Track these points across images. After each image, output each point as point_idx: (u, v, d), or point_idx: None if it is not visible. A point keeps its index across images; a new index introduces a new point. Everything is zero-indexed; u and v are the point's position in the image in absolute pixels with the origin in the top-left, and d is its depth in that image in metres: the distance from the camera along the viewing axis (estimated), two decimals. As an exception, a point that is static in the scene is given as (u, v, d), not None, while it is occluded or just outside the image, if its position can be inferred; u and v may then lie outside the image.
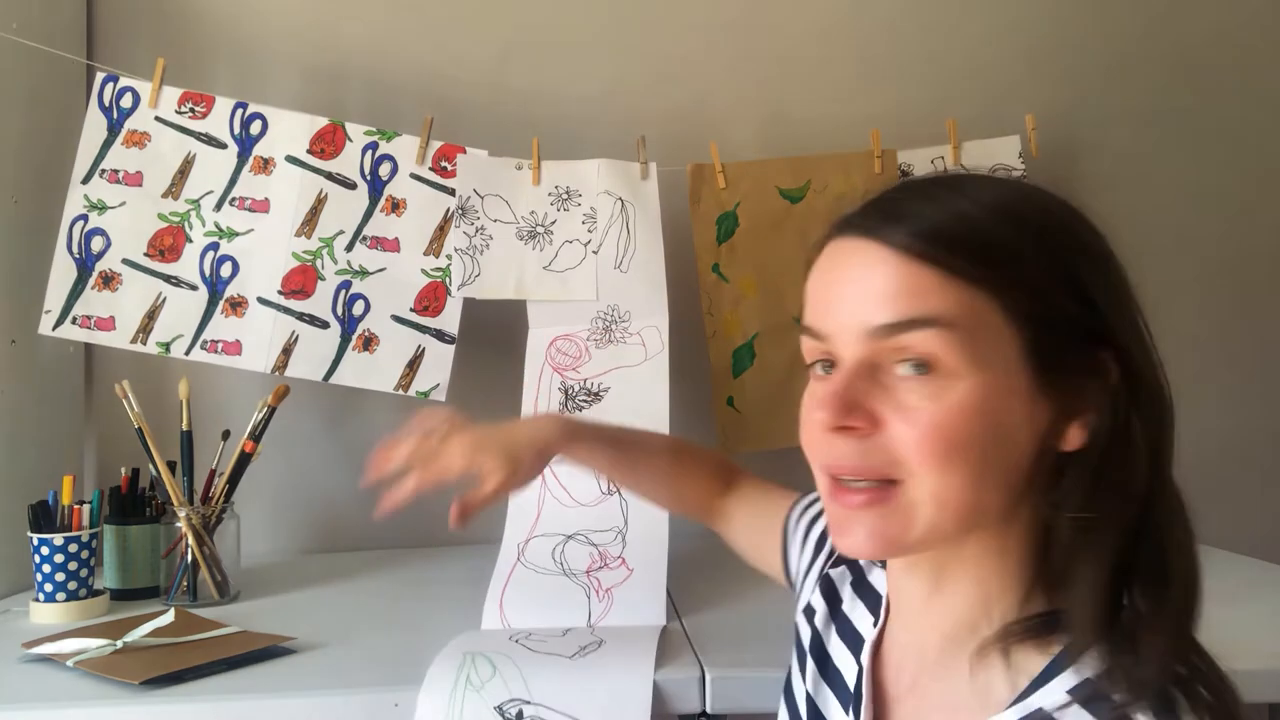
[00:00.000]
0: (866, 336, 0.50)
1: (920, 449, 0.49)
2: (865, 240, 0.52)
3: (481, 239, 1.26)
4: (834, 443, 0.51)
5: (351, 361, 1.23)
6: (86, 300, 1.21)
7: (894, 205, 0.53)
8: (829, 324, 0.53)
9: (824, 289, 0.54)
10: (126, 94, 1.24)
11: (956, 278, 0.49)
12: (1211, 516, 1.71)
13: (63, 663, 0.89)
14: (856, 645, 0.61)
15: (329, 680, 0.87)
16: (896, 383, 0.50)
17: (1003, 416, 0.49)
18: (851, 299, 0.51)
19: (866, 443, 0.50)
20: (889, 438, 0.50)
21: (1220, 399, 1.51)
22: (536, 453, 0.77)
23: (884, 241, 0.51)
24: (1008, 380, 0.49)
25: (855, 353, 0.51)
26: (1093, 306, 0.51)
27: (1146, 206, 1.51)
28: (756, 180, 1.31)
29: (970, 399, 0.49)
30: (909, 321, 0.49)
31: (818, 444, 0.53)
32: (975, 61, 1.49)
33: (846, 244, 0.53)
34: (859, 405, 0.50)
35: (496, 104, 1.42)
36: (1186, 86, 1.53)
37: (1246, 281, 1.54)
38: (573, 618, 0.99)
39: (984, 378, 0.49)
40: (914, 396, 0.49)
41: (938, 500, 0.49)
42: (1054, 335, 0.50)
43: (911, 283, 0.49)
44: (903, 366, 0.50)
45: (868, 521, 0.51)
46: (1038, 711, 0.48)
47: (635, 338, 1.22)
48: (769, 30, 1.48)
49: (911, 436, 0.49)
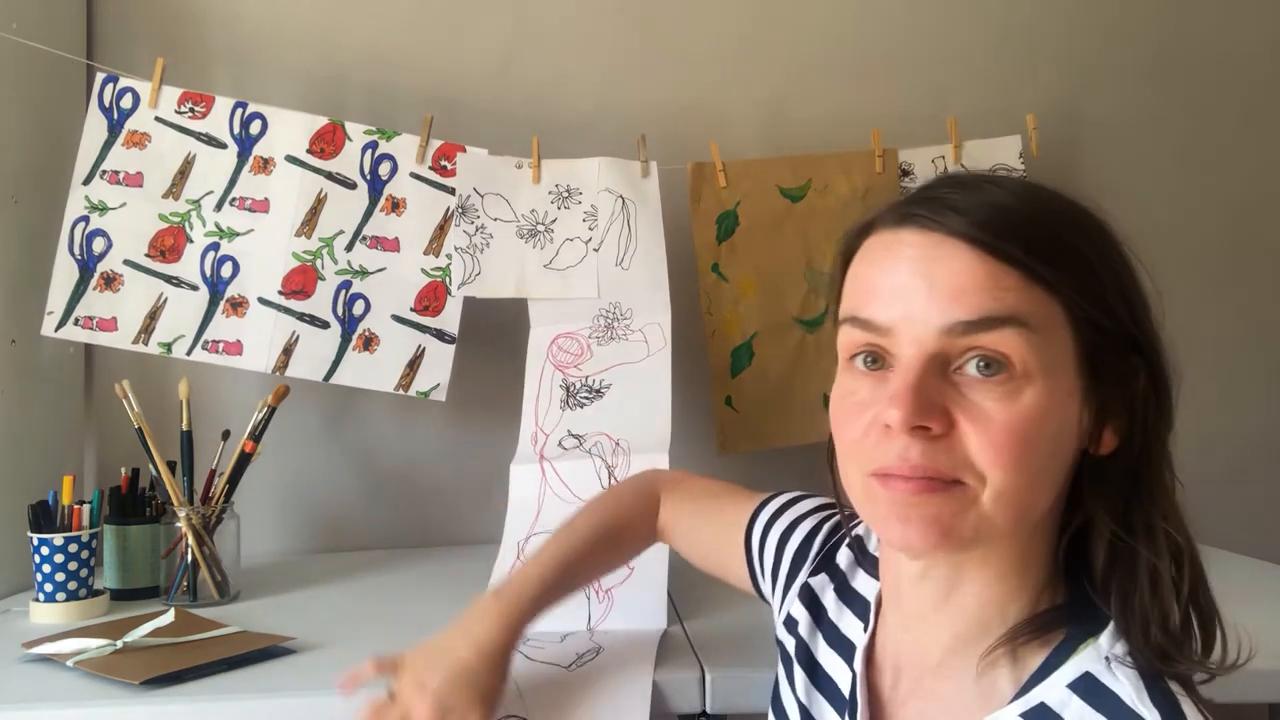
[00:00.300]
0: (941, 333, 0.48)
1: (994, 452, 0.47)
2: (928, 232, 0.49)
3: (481, 237, 1.26)
4: (895, 444, 0.49)
5: (352, 361, 1.23)
6: (88, 301, 1.21)
7: (947, 196, 0.50)
8: (889, 315, 0.50)
9: (879, 279, 0.51)
10: (126, 94, 1.24)
11: (1032, 276, 0.48)
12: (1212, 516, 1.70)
13: (63, 663, 0.89)
14: (848, 652, 0.61)
15: (329, 680, 0.87)
16: (966, 383, 0.48)
17: (1063, 419, 0.49)
18: (919, 294, 0.49)
19: (936, 444, 0.48)
20: (960, 439, 0.48)
21: (1222, 398, 1.51)
22: (498, 673, 0.72)
23: (953, 233, 0.49)
24: (1067, 384, 0.49)
25: (925, 348, 0.48)
26: (1132, 310, 0.51)
27: (1147, 206, 1.51)
28: (757, 179, 1.31)
29: (1040, 403, 0.48)
30: (992, 319, 0.47)
31: (874, 444, 0.50)
32: (976, 61, 1.49)
33: (905, 235, 0.51)
34: (934, 404, 0.48)
35: (497, 103, 1.42)
36: (1188, 86, 1.52)
37: (1249, 280, 1.54)
38: (572, 620, 0.98)
39: (1050, 381, 0.48)
40: (986, 398, 0.48)
41: (1002, 500, 0.48)
42: (1102, 341, 0.50)
43: (992, 279, 0.48)
44: (971, 365, 0.48)
45: (926, 510, 0.48)
46: (1039, 706, 0.49)
47: (637, 334, 1.21)
48: (770, 29, 1.47)
49: (985, 440, 0.47)
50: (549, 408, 1.18)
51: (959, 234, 0.48)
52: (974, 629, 0.53)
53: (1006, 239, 0.48)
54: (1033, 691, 0.49)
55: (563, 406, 1.18)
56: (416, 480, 1.43)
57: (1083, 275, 0.49)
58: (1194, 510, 0.53)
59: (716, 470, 1.22)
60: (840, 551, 0.67)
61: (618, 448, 1.13)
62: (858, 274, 0.53)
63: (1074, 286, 0.49)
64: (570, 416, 1.17)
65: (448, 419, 1.40)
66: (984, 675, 0.52)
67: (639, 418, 1.15)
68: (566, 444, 1.14)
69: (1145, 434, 0.52)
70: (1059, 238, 0.50)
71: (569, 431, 1.15)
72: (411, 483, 1.43)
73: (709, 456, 1.27)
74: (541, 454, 1.14)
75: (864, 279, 0.52)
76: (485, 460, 1.41)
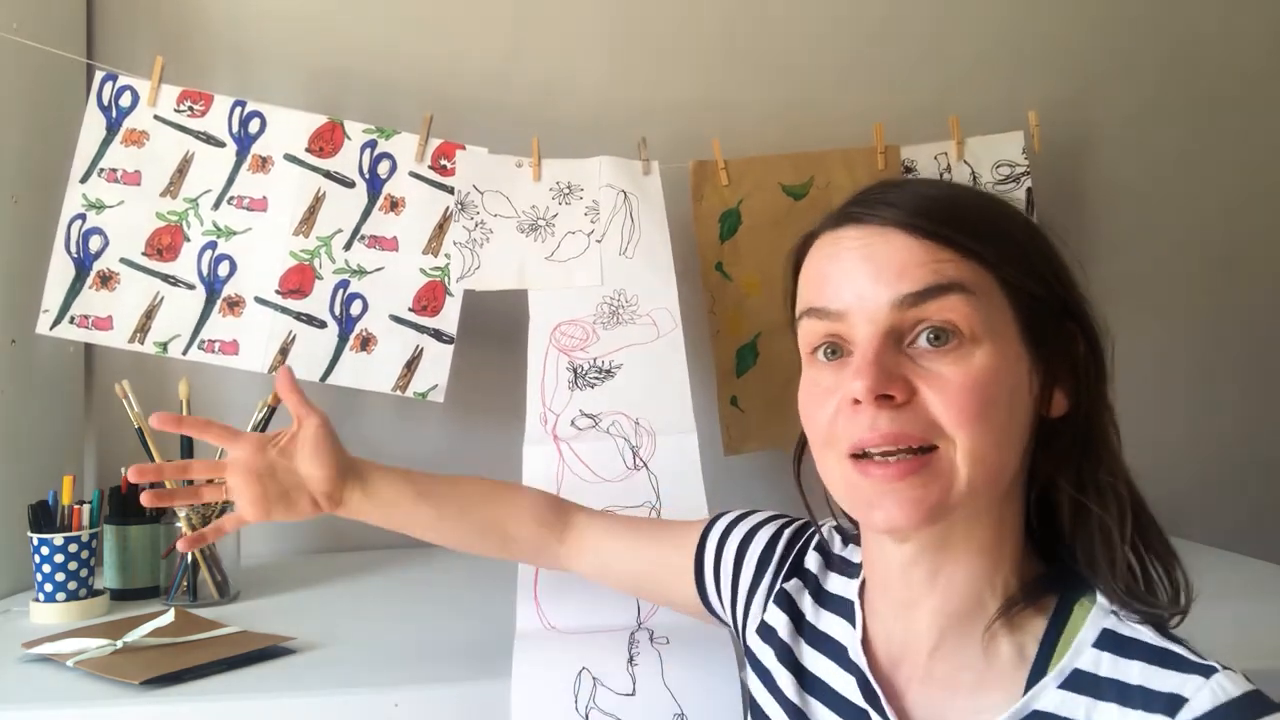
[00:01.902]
0: (891, 308, 0.52)
1: (955, 411, 0.51)
2: (868, 226, 0.54)
3: (481, 232, 1.25)
4: (864, 416, 0.52)
5: (349, 361, 1.23)
6: (84, 299, 1.21)
7: (881, 195, 0.55)
8: (840, 301, 0.54)
9: (828, 270, 0.55)
10: (125, 92, 1.24)
11: (964, 250, 0.53)
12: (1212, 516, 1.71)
13: (63, 663, 0.89)
14: (836, 651, 0.61)
15: (329, 680, 0.87)
16: (919, 354, 0.52)
17: (1013, 379, 0.53)
18: (868, 275, 0.53)
19: (902, 412, 0.51)
20: (922, 403, 0.51)
21: (1222, 397, 1.50)
22: (312, 478, 0.81)
23: (890, 223, 0.53)
24: (1013, 347, 0.53)
25: (878, 326, 0.52)
26: (1060, 278, 0.56)
27: (1149, 203, 1.51)
28: (759, 177, 1.31)
29: (990, 362, 0.52)
30: (935, 288, 0.51)
31: (845, 421, 0.53)
32: (979, 58, 1.48)
33: (847, 231, 0.55)
34: (894, 374, 0.52)
35: (497, 102, 1.42)
36: (1189, 83, 1.52)
37: (1250, 279, 1.54)
38: (619, 614, 0.92)
39: (996, 343, 0.52)
40: (939, 364, 0.52)
41: (973, 458, 0.51)
42: (1037, 307, 0.54)
43: (930, 254, 0.52)
44: (922, 338, 0.52)
45: (906, 491, 0.51)
46: (1075, 673, 0.52)
47: (645, 318, 1.19)
48: (771, 27, 1.47)
49: (946, 398, 0.51)
50: (556, 388, 1.14)
51: (895, 223, 0.53)
52: (966, 605, 0.55)
53: (939, 221, 0.53)
54: (1062, 662, 0.52)
55: (571, 387, 1.14)
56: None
57: (1009, 249, 0.54)
58: (1194, 510, 0.53)
59: (723, 471, 1.22)
60: (808, 555, 0.68)
61: (639, 427, 1.10)
62: (807, 272, 0.58)
63: (1003, 258, 0.53)
64: (581, 396, 1.13)
65: (447, 419, 1.40)
66: (986, 649, 0.54)
67: (657, 397, 1.12)
68: (580, 423, 1.11)
69: (1089, 395, 0.55)
70: (985, 219, 0.55)
71: (581, 411, 1.12)
72: (411, 482, 1.42)
73: (716, 458, 1.26)
74: (555, 434, 1.10)
75: (814, 274, 0.57)
76: (485, 460, 1.40)
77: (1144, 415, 1.52)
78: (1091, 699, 0.51)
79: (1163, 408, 1.47)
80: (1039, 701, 0.52)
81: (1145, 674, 0.50)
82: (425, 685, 0.86)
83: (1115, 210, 1.50)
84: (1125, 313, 1.50)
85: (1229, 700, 0.48)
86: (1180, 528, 1.40)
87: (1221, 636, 0.54)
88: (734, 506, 0.77)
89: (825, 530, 0.68)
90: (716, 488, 1.06)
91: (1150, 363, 1.48)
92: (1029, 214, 1.33)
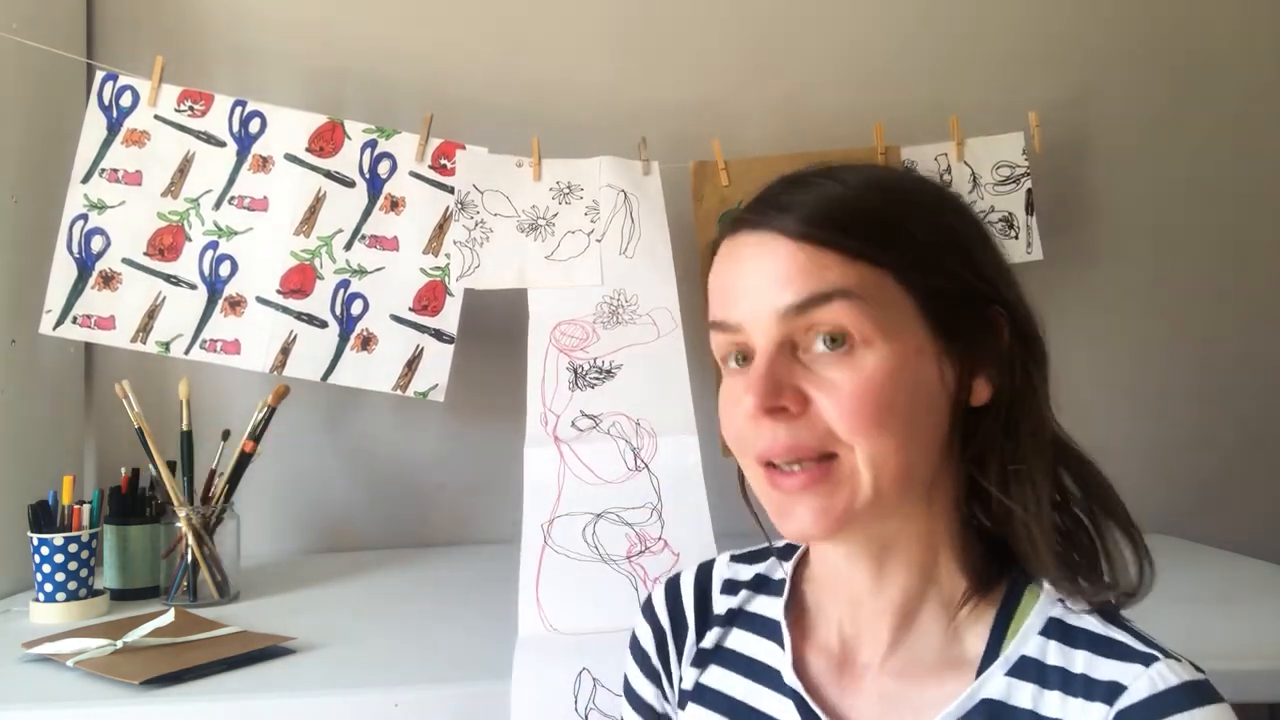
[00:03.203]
0: (778, 318, 0.52)
1: (849, 417, 0.51)
2: (758, 232, 0.54)
3: (481, 232, 1.25)
4: (764, 427, 0.52)
5: (350, 361, 1.23)
6: (87, 299, 1.21)
7: (777, 198, 0.56)
8: (738, 313, 0.54)
9: (727, 281, 0.56)
10: (126, 92, 1.24)
11: (851, 254, 0.52)
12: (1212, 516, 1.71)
13: (63, 663, 0.89)
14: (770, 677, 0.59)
15: (329, 680, 0.87)
16: (814, 360, 0.52)
17: (917, 376, 0.52)
18: (756, 286, 0.53)
19: (798, 422, 0.52)
20: (817, 413, 0.51)
21: (1223, 397, 1.50)
22: None
23: (777, 230, 0.53)
24: (915, 342, 0.53)
25: (770, 336, 0.53)
26: (976, 269, 0.55)
27: (1149, 203, 1.51)
28: (760, 177, 1.27)
29: (886, 364, 0.51)
30: (816, 297, 0.51)
31: (748, 433, 0.53)
32: (979, 58, 1.48)
33: (740, 238, 0.55)
34: (785, 385, 0.52)
35: (497, 102, 1.42)
36: (1190, 83, 1.52)
37: (1251, 278, 1.53)
38: (620, 615, 0.92)
39: (893, 343, 0.52)
40: (833, 370, 0.52)
41: (874, 464, 0.51)
42: (946, 297, 0.53)
43: (812, 262, 0.52)
44: (818, 343, 0.52)
45: (812, 501, 0.52)
46: (1022, 660, 0.52)
47: (645, 318, 1.19)
48: (772, 27, 1.47)
49: (839, 407, 0.51)
50: (556, 389, 1.14)
51: (783, 230, 0.53)
52: (913, 599, 0.56)
53: (822, 227, 0.53)
54: (1009, 648, 0.53)
55: (571, 387, 1.14)
56: (416, 480, 1.43)
57: (906, 244, 0.53)
58: (1194, 510, 0.53)
59: (722, 472, 1.22)
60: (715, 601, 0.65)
61: (640, 428, 1.10)
62: (712, 282, 0.57)
63: (897, 256, 0.53)
64: (581, 397, 1.13)
65: (447, 419, 1.40)
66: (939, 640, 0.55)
67: (657, 397, 1.12)
68: (581, 424, 1.11)
69: (1013, 382, 0.55)
70: (881, 216, 0.54)
71: (581, 412, 1.12)
72: (411, 483, 1.42)
73: (714, 459, 1.26)
74: (556, 435, 1.10)
75: (715, 285, 0.57)
76: (485, 460, 1.41)
77: (1145, 415, 1.53)
78: (1038, 686, 0.51)
79: (1163, 408, 1.47)
80: (986, 689, 0.52)
81: (1089, 663, 0.51)
82: (425, 685, 0.86)
83: (1116, 209, 1.50)
84: (1126, 313, 1.51)
85: (1166, 689, 0.48)
86: (1180, 528, 1.41)
87: (1221, 636, 0.54)
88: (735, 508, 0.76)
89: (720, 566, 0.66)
90: (716, 489, 1.06)
91: (1151, 363, 1.48)
92: (1027, 213, 1.33)
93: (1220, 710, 0.48)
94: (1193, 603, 1.02)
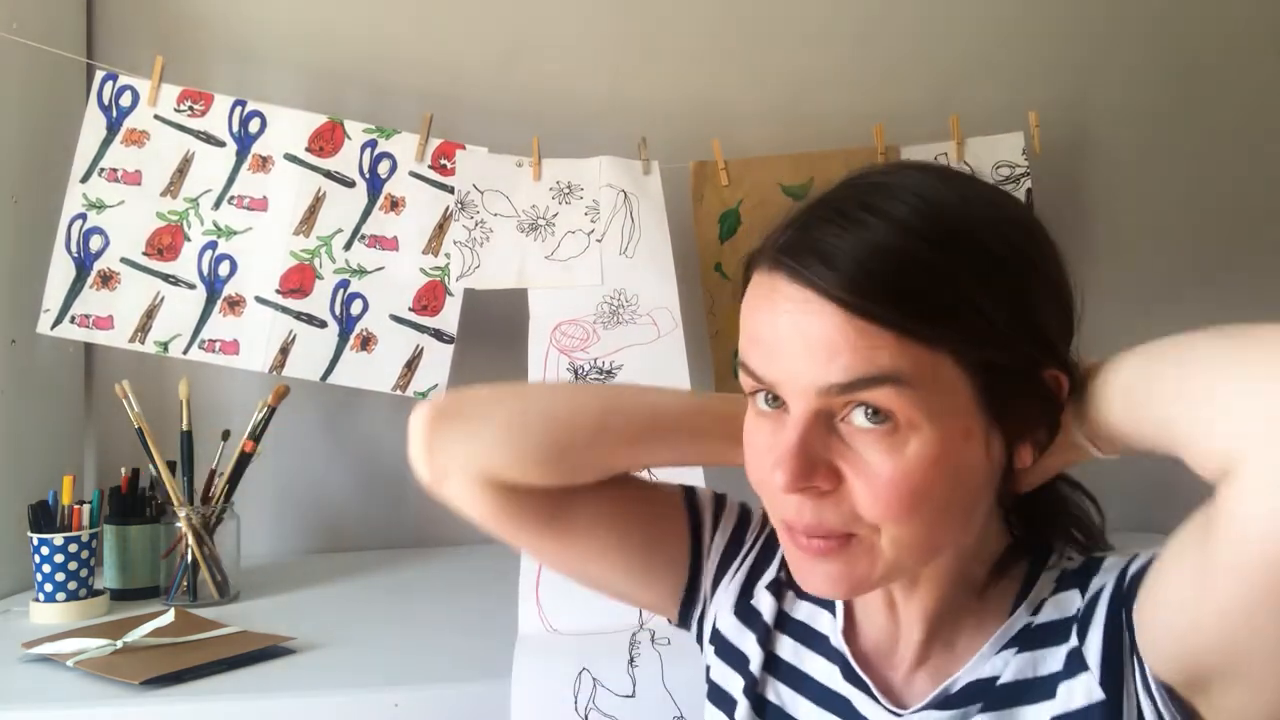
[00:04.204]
0: (820, 393, 0.48)
1: (881, 506, 0.48)
2: (799, 286, 0.48)
3: (481, 231, 1.25)
4: (790, 501, 0.50)
5: (349, 361, 1.23)
6: (85, 299, 1.21)
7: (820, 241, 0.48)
8: (774, 372, 0.50)
9: (762, 331, 0.51)
10: (126, 92, 1.24)
11: (906, 333, 0.46)
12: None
13: (63, 663, 0.89)
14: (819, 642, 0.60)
15: (329, 680, 0.87)
16: (852, 433, 0.48)
17: (961, 460, 0.49)
18: (796, 353, 0.48)
19: (826, 500, 0.49)
20: (848, 492, 0.48)
21: (1223, 396, 1.50)
22: None
23: (822, 292, 0.47)
24: (964, 424, 0.48)
25: (808, 405, 0.48)
26: (1044, 336, 0.50)
27: (1149, 203, 1.51)
28: (759, 178, 1.31)
29: (929, 451, 0.47)
30: (863, 380, 0.47)
31: (775, 498, 0.51)
32: (979, 58, 1.48)
33: (779, 284, 0.49)
34: (819, 461, 0.48)
35: (497, 102, 1.42)
36: (1190, 84, 1.52)
37: (1251, 278, 1.53)
38: (620, 615, 0.91)
39: (940, 428, 0.47)
40: (871, 451, 0.48)
41: (898, 545, 0.49)
42: (1004, 373, 0.49)
43: (864, 339, 0.46)
44: (857, 414, 0.48)
45: (830, 568, 0.50)
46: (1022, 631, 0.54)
47: (646, 318, 1.18)
48: (772, 27, 1.47)
49: (872, 493, 0.48)
50: None
51: (825, 292, 0.47)
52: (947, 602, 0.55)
53: (876, 299, 0.46)
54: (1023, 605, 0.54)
55: None
56: (416, 480, 1.42)
57: (968, 319, 0.47)
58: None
59: (722, 473, 1.21)
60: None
61: None
62: (746, 319, 0.53)
63: (958, 335, 0.47)
64: None
65: (448, 418, 1.39)
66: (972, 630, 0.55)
67: None
68: None
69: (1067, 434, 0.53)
70: (941, 281, 0.47)
71: None
72: (411, 483, 1.40)
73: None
74: None
75: (748, 325, 0.52)
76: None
77: (1144, 415, 1.53)
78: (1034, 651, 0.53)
79: (1163, 408, 1.47)
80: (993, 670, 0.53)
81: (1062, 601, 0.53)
82: (425, 685, 0.86)
83: (1115, 210, 1.50)
84: (1125, 313, 1.50)
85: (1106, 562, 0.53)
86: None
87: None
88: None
89: None
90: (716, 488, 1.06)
91: (1150, 363, 1.47)
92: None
93: None
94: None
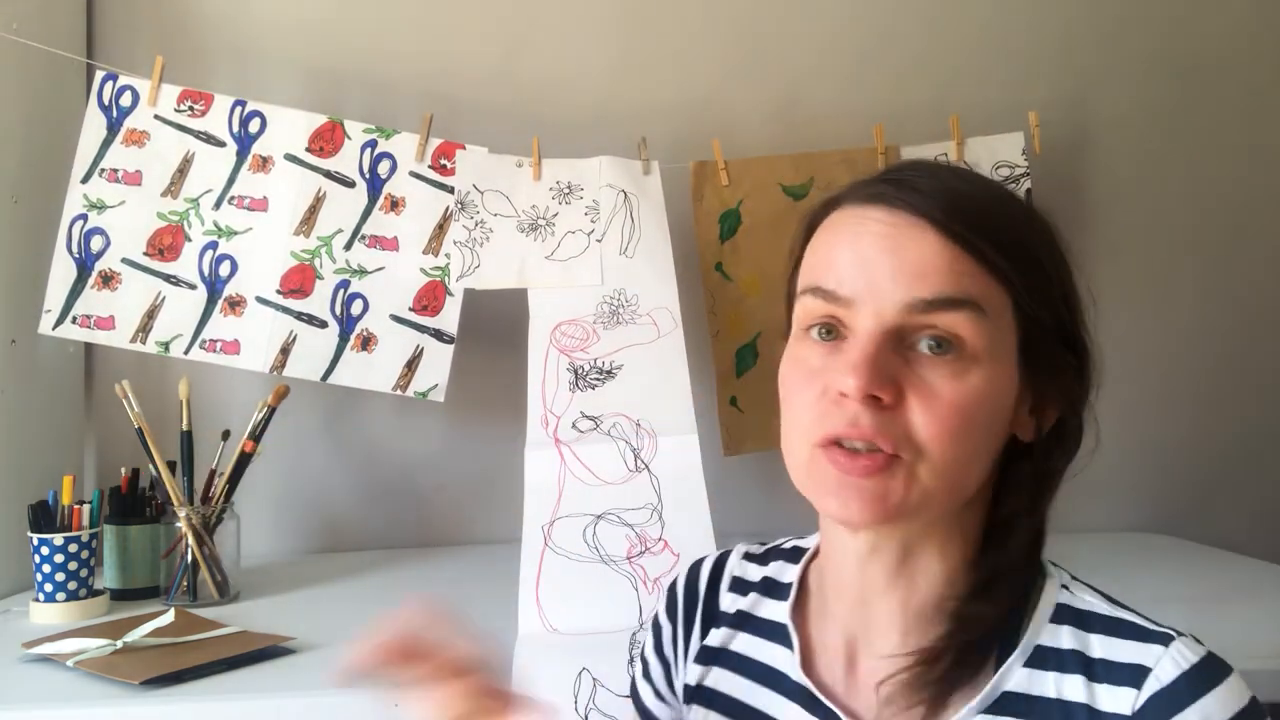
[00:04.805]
0: (903, 308, 0.50)
1: (937, 426, 0.50)
2: (894, 211, 0.52)
3: (481, 232, 1.25)
4: (848, 410, 0.50)
5: (349, 361, 1.23)
6: (86, 299, 1.21)
7: (915, 179, 0.53)
8: (852, 287, 0.52)
9: (843, 253, 0.53)
10: (126, 92, 1.24)
11: (989, 266, 0.51)
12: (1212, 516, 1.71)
13: (63, 663, 0.89)
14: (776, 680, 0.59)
15: (329, 680, 0.87)
16: (917, 358, 0.51)
17: (1001, 403, 0.52)
18: (887, 268, 0.51)
19: (885, 414, 0.50)
20: (905, 411, 0.50)
21: (1221, 398, 1.50)
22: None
23: (921, 214, 0.51)
24: (1008, 370, 0.52)
25: (884, 322, 0.51)
26: (1071, 313, 0.55)
27: (1149, 204, 1.51)
28: (759, 177, 1.31)
29: (984, 385, 0.51)
30: (951, 300, 0.50)
31: (827, 411, 0.52)
32: (979, 58, 1.48)
33: (872, 211, 0.53)
34: (887, 376, 0.50)
35: (497, 102, 1.42)
36: (1190, 84, 1.52)
37: (1251, 278, 1.54)
38: (620, 616, 0.93)
39: (994, 365, 0.51)
40: (935, 375, 0.50)
41: (937, 472, 0.51)
42: (1041, 335, 0.53)
43: (954, 262, 0.50)
44: (923, 343, 0.51)
45: (871, 487, 0.51)
46: (1038, 649, 0.53)
47: (646, 318, 1.19)
48: (772, 26, 1.47)
49: (931, 413, 0.50)
50: (557, 390, 1.14)
51: (925, 215, 0.51)
52: (928, 601, 0.55)
53: (969, 227, 0.51)
54: (1024, 640, 0.53)
55: (572, 388, 1.14)
56: (416, 480, 1.43)
57: (1032, 272, 0.52)
58: (1192, 510, 0.53)
59: (723, 472, 1.22)
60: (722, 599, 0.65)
61: (640, 429, 1.10)
62: (821, 246, 0.55)
63: (1023, 281, 0.52)
64: (582, 398, 1.13)
65: (447, 419, 1.40)
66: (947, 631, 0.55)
67: (658, 398, 1.12)
68: (581, 425, 1.11)
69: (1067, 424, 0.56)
70: (1013, 233, 0.53)
71: (582, 413, 1.12)
72: (411, 483, 1.43)
73: (715, 458, 1.26)
74: (556, 436, 1.10)
75: (828, 251, 0.54)
76: (485, 460, 1.41)
77: (1144, 415, 1.53)
78: (1058, 673, 0.52)
79: (1163, 407, 1.47)
80: (1008, 682, 0.52)
81: (1106, 646, 0.51)
82: (425, 685, 0.85)
83: (1115, 210, 1.50)
84: (1125, 313, 1.51)
85: (1191, 667, 0.49)
86: (1180, 528, 1.41)
87: (1222, 636, 0.54)
88: (735, 507, 0.76)
89: (734, 561, 0.66)
90: (717, 488, 1.06)
91: (1150, 363, 1.47)
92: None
93: (1237, 676, 0.50)
94: (1191, 602, 1.03)
